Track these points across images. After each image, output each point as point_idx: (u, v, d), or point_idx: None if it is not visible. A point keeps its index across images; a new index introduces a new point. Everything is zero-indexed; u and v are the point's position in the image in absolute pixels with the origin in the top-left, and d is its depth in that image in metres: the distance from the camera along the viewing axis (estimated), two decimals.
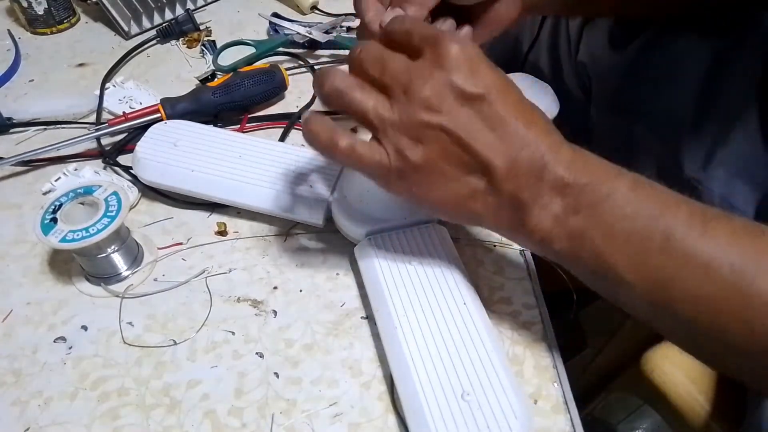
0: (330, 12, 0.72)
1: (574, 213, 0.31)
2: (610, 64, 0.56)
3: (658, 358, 0.52)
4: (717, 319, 0.28)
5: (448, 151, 0.32)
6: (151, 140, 0.49)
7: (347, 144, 0.33)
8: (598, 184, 0.30)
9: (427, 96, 0.31)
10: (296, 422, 0.36)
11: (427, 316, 0.37)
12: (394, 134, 0.32)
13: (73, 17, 0.73)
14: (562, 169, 0.31)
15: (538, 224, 0.32)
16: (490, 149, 0.31)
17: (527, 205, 0.31)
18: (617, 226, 0.30)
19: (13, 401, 0.37)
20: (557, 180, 0.31)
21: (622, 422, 0.55)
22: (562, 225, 0.31)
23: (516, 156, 0.31)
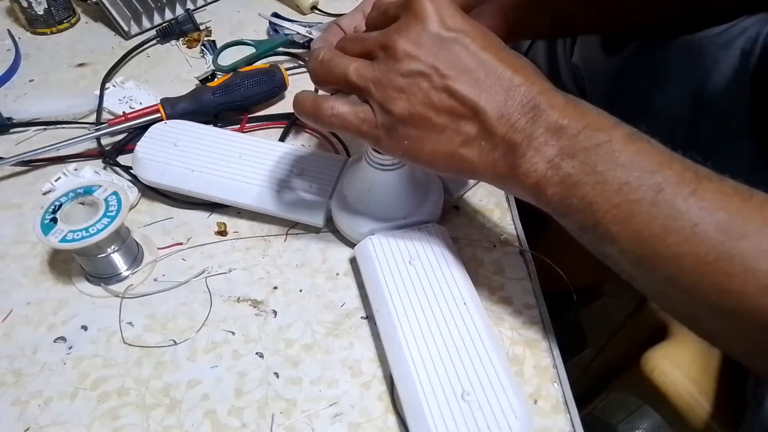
0: (330, 12, 0.72)
1: (569, 157, 0.30)
2: (604, 67, 0.56)
3: (658, 358, 0.52)
4: (697, 278, 0.28)
5: (433, 98, 0.32)
6: (151, 140, 0.49)
7: (330, 106, 0.34)
8: (594, 131, 0.30)
9: (404, 47, 0.32)
10: (296, 422, 0.36)
11: (427, 316, 0.37)
12: (377, 90, 0.33)
13: (73, 17, 0.73)
14: (556, 113, 0.30)
15: (532, 167, 0.31)
16: (477, 91, 0.31)
17: (521, 147, 0.31)
18: (610, 175, 0.29)
19: (13, 401, 0.37)
20: (552, 122, 0.30)
21: (622, 422, 0.55)
22: (556, 169, 0.31)
23: (506, 98, 0.31)
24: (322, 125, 0.35)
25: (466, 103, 0.31)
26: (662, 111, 0.51)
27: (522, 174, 0.31)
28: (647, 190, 0.29)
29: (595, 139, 0.30)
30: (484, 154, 0.32)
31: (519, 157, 0.31)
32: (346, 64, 0.33)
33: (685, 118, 0.49)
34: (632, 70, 0.54)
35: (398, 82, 0.32)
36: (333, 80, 0.34)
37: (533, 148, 0.31)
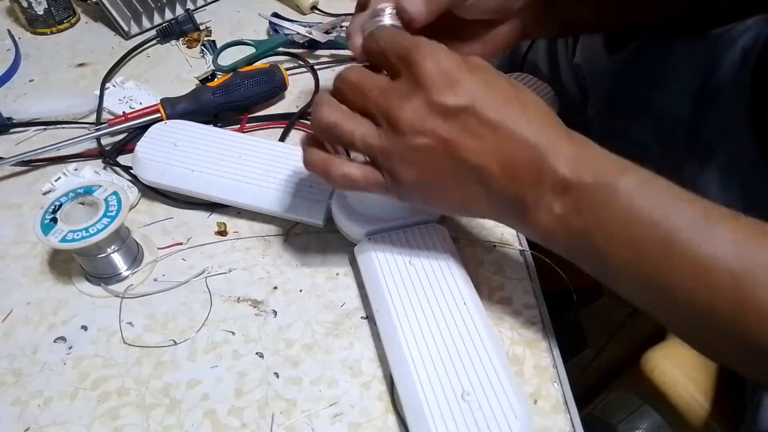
0: (330, 12, 0.72)
1: (576, 213, 0.30)
2: (606, 66, 0.56)
3: (658, 358, 0.52)
4: (714, 322, 0.28)
5: (440, 166, 0.32)
6: (151, 140, 0.49)
7: (341, 173, 0.34)
8: (600, 185, 0.30)
9: (409, 119, 0.31)
10: (296, 422, 0.36)
11: (427, 316, 0.37)
12: (385, 159, 0.32)
13: (73, 17, 0.73)
14: (562, 167, 0.30)
15: (540, 223, 0.32)
16: (482, 156, 0.31)
17: (528, 205, 0.31)
18: (619, 230, 0.30)
19: (13, 401, 0.37)
20: (558, 180, 0.30)
21: (622, 422, 0.55)
22: (564, 224, 0.31)
23: (511, 158, 0.31)
24: (332, 184, 0.35)
25: (474, 168, 0.31)
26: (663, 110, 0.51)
27: (531, 228, 0.32)
28: (658, 242, 0.29)
29: (602, 194, 0.30)
30: (493, 206, 0.33)
31: (527, 213, 0.32)
32: (351, 130, 0.33)
33: (686, 118, 0.49)
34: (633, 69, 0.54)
35: (404, 155, 0.32)
36: (340, 143, 0.34)
37: (540, 205, 0.31)
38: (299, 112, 0.57)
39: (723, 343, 0.30)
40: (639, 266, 0.30)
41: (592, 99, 0.59)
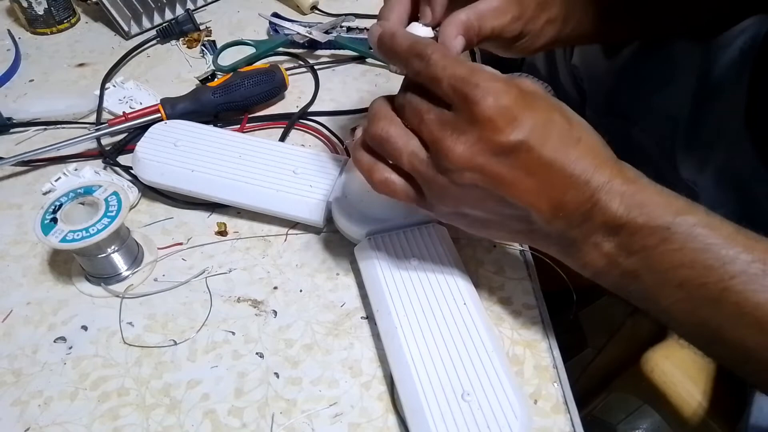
0: (330, 12, 0.72)
1: (627, 254, 0.30)
2: (604, 68, 0.56)
3: (658, 358, 0.52)
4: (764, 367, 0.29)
5: (485, 203, 0.31)
6: (151, 140, 0.49)
7: (383, 178, 0.33)
8: (653, 227, 0.29)
9: (459, 155, 0.29)
10: (296, 422, 0.36)
11: (427, 316, 0.37)
12: (428, 188, 0.32)
13: (73, 17, 0.73)
14: (614, 206, 0.29)
15: (590, 261, 0.31)
16: (531, 195, 0.30)
17: (577, 242, 0.31)
18: (671, 274, 0.29)
19: (14, 401, 0.37)
20: (609, 220, 0.29)
21: (622, 422, 0.55)
22: (614, 263, 0.30)
23: (561, 198, 0.30)
24: (373, 187, 0.34)
25: (519, 208, 0.30)
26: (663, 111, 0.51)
27: (580, 264, 0.32)
28: (712, 288, 0.28)
29: (654, 238, 0.29)
30: (537, 241, 0.33)
31: (576, 251, 0.31)
32: (400, 149, 0.32)
33: (686, 118, 0.49)
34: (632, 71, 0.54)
35: (449, 188, 0.31)
36: (388, 157, 0.33)
37: (590, 244, 0.30)
38: (299, 112, 0.57)
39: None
40: (690, 309, 0.29)
41: (590, 100, 0.59)
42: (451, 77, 0.29)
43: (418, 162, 0.31)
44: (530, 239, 0.33)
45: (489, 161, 0.29)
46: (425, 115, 0.31)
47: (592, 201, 0.29)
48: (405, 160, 0.32)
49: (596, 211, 0.29)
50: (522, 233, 0.33)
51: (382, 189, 0.34)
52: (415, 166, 0.32)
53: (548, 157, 0.29)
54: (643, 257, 0.29)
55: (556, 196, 0.29)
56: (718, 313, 0.28)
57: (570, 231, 0.30)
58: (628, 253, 0.30)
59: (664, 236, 0.29)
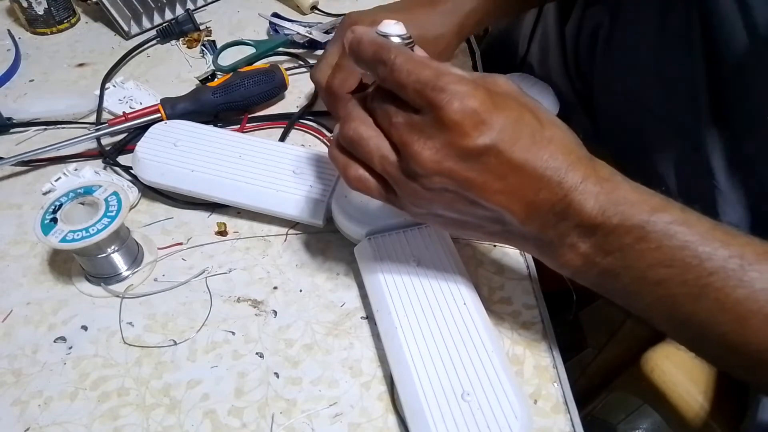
0: (330, 12, 0.72)
1: (604, 254, 0.30)
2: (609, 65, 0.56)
3: (657, 358, 0.52)
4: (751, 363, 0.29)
5: (456, 206, 0.31)
6: (151, 140, 0.49)
7: (356, 175, 0.33)
8: (628, 227, 0.29)
9: (427, 159, 0.29)
10: (296, 422, 0.36)
11: (427, 316, 0.37)
12: (400, 190, 0.32)
13: (73, 17, 0.73)
14: (589, 206, 0.29)
15: (567, 262, 0.31)
16: (502, 197, 0.29)
17: (553, 243, 0.31)
18: (649, 272, 0.29)
19: (14, 401, 0.37)
20: (584, 220, 0.29)
21: (622, 422, 0.55)
22: (592, 264, 0.30)
23: (533, 199, 0.29)
24: (347, 183, 0.34)
25: (491, 210, 0.30)
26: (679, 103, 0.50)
27: (558, 264, 0.32)
28: (691, 286, 0.28)
29: (629, 237, 0.29)
30: (515, 242, 0.33)
31: (552, 251, 0.31)
32: (371, 151, 0.31)
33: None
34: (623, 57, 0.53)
35: (419, 192, 0.31)
36: (358, 155, 0.33)
37: (566, 245, 0.30)
38: (299, 112, 0.57)
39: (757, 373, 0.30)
40: (671, 307, 0.29)
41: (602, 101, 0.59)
42: (416, 82, 0.29)
43: (388, 164, 0.31)
44: (507, 240, 0.33)
45: (457, 165, 0.29)
46: (394, 118, 0.30)
47: (566, 201, 0.29)
48: (376, 162, 0.32)
49: (570, 211, 0.29)
50: (498, 234, 0.33)
51: (357, 186, 0.33)
52: (386, 169, 0.31)
53: (518, 159, 0.29)
54: (620, 257, 0.29)
55: (528, 198, 0.29)
56: (699, 310, 0.28)
57: (545, 232, 0.30)
58: (605, 252, 0.30)
59: (640, 235, 0.29)
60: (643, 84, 0.52)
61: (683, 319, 0.29)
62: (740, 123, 0.44)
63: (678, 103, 0.49)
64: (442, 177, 0.29)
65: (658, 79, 0.51)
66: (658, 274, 0.29)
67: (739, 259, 0.28)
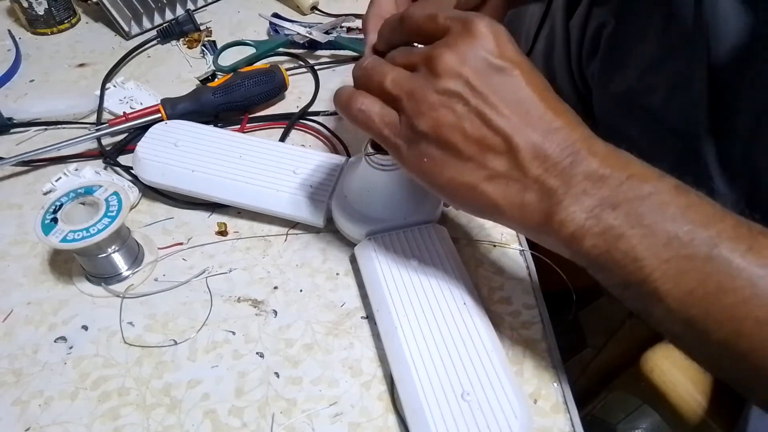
0: (330, 12, 0.73)
1: (612, 208, 0.28)
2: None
3: (657, 358, 0.52)
4: (757, 344, 0.26)
5: (464, 123, 0.29)
6: (151, 140, 0.49)
7: (361, 101, 0.32)
8: (639, 181, 0.28)
9: (448, 62, 0.29)
10: (296, 422, 0.36)
11: (427, 316, 0.37)
12: (408, 101, 0.31)
13: (73, 17, 0.73)
14: (597, 161, 0.28)
15: (569, 216, 0.28)
16: (514, 126, 0.29)
17: (557, 193, 0.28)
18: (658, 228, 0.27)
19: (14, 401, 0.37)
20: (592, 170, 0.28)
21: (622, 422, 0.55)
22: (597, 219, 0.28)
23: (544, 138, 0.28)
24: (349, 118, 0.33)
25: (500, 135, 0.29)
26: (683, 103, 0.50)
27: (557, 223, 0.29)
28: (700, 245, 0.26)
29: (640, 190, 0.27)
30: (511, 194, 0.30)
31: (555, 204, 0.29)
32: (385, 72, 0.32)
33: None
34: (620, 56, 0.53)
35: (431, 97, 0.30)
36: (372, 87, 0.33)
37: (571, 195, 0.28)
38: (299, 112, 0.57)
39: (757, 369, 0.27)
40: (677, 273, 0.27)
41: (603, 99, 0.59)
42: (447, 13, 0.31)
43: (403, 79, 0.31)
44: (505, 190, 0.30)
45: (477, 75, 0.29)
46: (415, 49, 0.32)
47: (575, 148, 0.28)
48: (389, 79, 0.31)
49: (578, 159, 0.28)
50: (496, 178, 0.30)
51: (360, 117, 0.32)
52: (399, 83, 0.31)
53: (536, 92, 0.29)
54: (628, 210, 0.27)
55: (537, 135, 0.29)
56: (707, 278, 0.26)
57: (549, 179, 0.29)
58: (612, 205, 0.28)
59: (649, 190, 0.27)
60: (643, 85, 0.52)
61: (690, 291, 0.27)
62: (740, 126, 0.44)
63: (678, 105, 0.49)
64: (459, 80, 0.29)
65: (659, 80, 0.51)
66: (667, 231, 0.27)
67: (747, 227, 0.27)
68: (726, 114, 0.44)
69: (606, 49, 0.56)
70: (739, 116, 0.44)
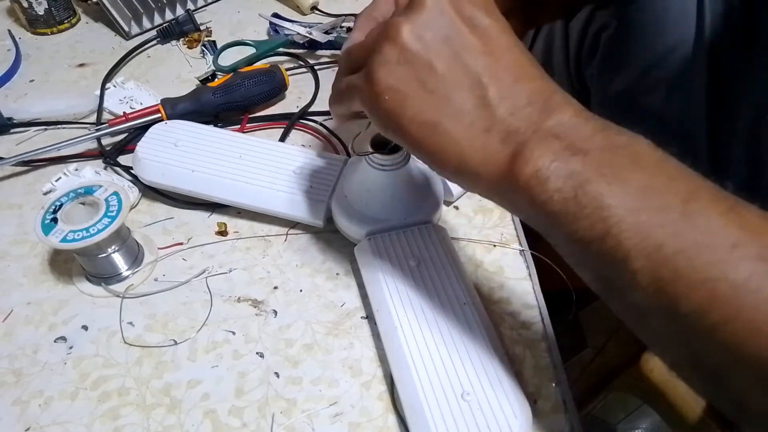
0: (330, 12, 0.72)
1: (582, 154, 0.25)
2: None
3: (657, 358, 0.52)
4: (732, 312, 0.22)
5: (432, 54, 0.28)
6: (151, 140, 0.49)
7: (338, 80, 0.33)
8: (614, 132, 0.26)
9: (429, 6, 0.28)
10: (296, 422, 0.36)
11: (427, 316, 0.37)
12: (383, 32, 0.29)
13: (73, 17, 0.73)
14: (570, 111, 0.27)
15: (532, 156, 0.26)
16: (485, 65, 0.28)
17: (522, 134, 0.27)
18: (631, 176, 0.24)
19: (14, 401, 0.37)
20: (564, 119, 0.26)
21: (622, 422, 0.55)
22: (563, 162, 0.25)
23: (515, 82, 0.27)
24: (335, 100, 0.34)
25: (468, 72, 0.28)
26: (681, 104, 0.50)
27: (519, 165, 0.26)
28: (675, 197, 0.24)
29: (615, 140, 0.25)
30: (474, 135, 0.28)
31: (519, 144, 0.26)
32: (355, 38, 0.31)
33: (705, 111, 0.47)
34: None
35: (402, 26, 0.28)
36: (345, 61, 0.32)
37: (538, 137, 0.26)
38: (299, 112, 0.57)
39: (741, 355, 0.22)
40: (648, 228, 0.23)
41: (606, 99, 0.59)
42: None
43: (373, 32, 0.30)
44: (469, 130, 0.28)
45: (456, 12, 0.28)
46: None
47: (547, 95, 0.27)
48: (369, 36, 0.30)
49: (551, 106, 0.27)
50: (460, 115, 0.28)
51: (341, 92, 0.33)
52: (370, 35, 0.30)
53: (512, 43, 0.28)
54: (599, 156, 0.25)
55: (509, 79, 0.28)
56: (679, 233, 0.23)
57: (516, 121, 0.27)
58: (582, 151, 0.25)
59: (625, 142, 0.25)
60: (643, 85, 0.52)
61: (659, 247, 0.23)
62: (741, 124, 0.44)
63: (677, 104, 0.49)
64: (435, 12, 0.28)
65: (659, 80, 0.51)
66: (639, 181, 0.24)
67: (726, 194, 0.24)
68: (726, 112, 0.45)
69: (606, 50, 0.57)
70: (740, 115, 0.44)
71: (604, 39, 0.56)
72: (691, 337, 0.24)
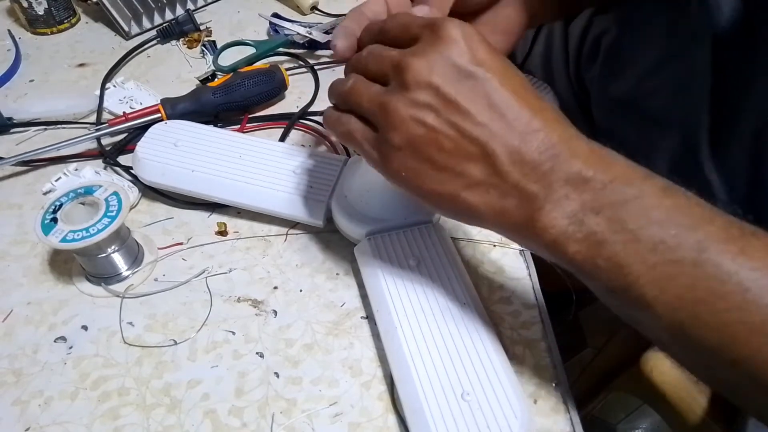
0: (330, 12, 0.73)
1: (594, 212, 0.27)
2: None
3: (657, 358, 0.52)
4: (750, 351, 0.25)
5: (436, 134, 0.29)
6: (151, 140, 0.49)
7: (346, 121, 0.33)
8: (622, 184, 0.27)
9: (417, 69, 0.29)
10: (296, 422, 0.36)
11: (427, 316, 0.37)
12: (381, 115, 0.31)
13: (73, 17, 0.73)
14: (579, 163, 0.27)
15: (550, 222, 0.28)
16: (488, 132, 0.28)
17: (537, 198, 0.28)
18: (643, 234, 0.26)
19: (14, 401, 0.37)
20: (573, 173, 0.27)
21: (622, 422, 0.55)
22: (579, 225, 0.27)
23: (521, 142, 0.28)
24: (337, 137, 0.34)
25: (474, 143, 0.28)
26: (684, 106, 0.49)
27: (539, 229, 0.28)
28: (688, 250, 0.25)
29: (623, 194, 0.27)
30: (492, 201, 0.29)
31: (535, 210, 0.28)
32: (361, 92, 0.32)
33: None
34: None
35: (402, 111, 0.29)
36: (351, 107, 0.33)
37: (552, 201, 0.28)
38: (299, 112, 0.57)
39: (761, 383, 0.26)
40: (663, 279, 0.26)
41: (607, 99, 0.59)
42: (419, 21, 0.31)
43: (376, 93, 0.31)
44: (484, 198, 0.29)
45: (447, 81, 0.29)
46: (386, 52, 0.31)
47: (555, 151, 0.28)
48: (365, 99, 0.31)
49: (559, 162, 0.28)
50: (476, 186, 0.29)
51: (344, 136, 0.34)
52: (373, 98, 0.31)
53: (510, 97, 0.28)
54: (611, 215, 0.27)
55: (514, 139, 0.28)
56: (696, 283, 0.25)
57: (529, 184, 0.28)
58: (595, 210, 0.27)
59: (633, 194, 0.27)
60: (644, 89, 0.52)
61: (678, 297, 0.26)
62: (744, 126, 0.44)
63: (679, 108, 0.49)
64: (429, 90, 0.29)
65: (661, 84, 0.51)
66: (652, 236, 0.26)
67: (739, 228, 0.26)
68: (729, 115, 0.44)
69: (607, 55, 0.56)
70: (743, 117, 0.43)
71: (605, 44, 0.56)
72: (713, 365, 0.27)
